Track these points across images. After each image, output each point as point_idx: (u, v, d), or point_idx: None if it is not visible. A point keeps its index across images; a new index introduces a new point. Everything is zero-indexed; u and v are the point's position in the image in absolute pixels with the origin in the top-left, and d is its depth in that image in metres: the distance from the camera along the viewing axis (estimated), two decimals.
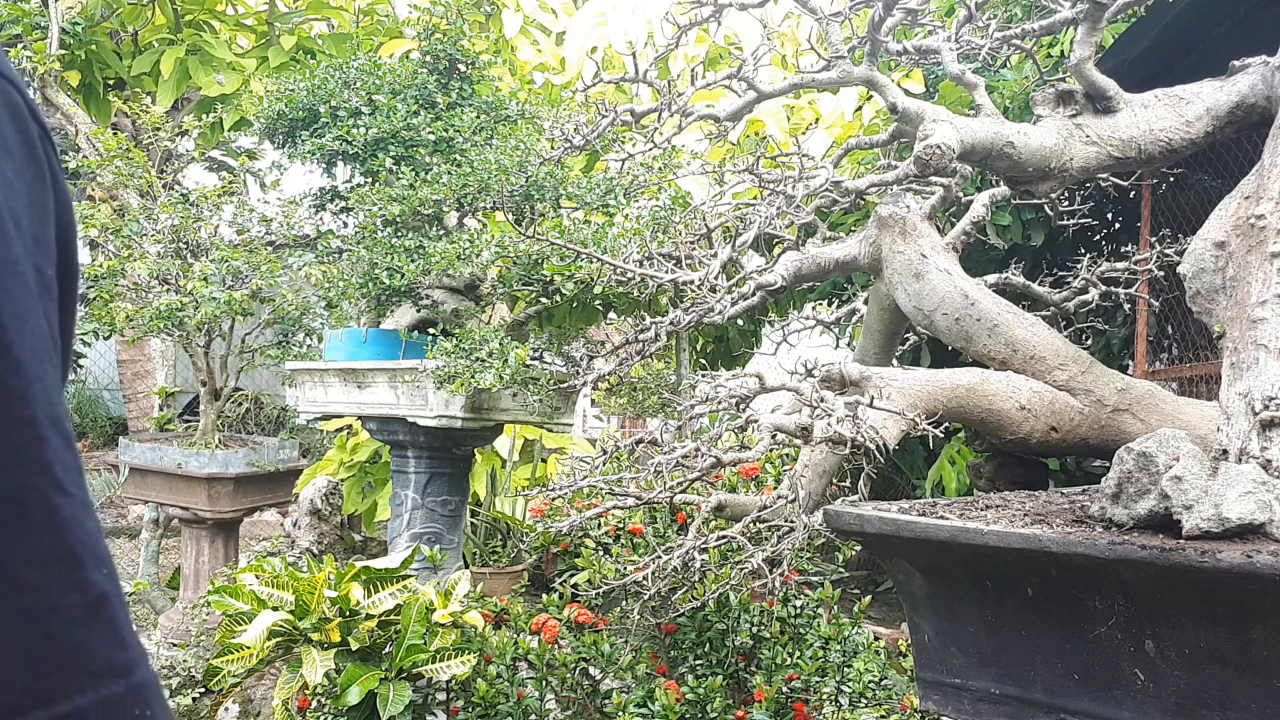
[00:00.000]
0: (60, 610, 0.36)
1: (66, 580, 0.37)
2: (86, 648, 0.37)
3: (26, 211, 0.41)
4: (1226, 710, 1.03)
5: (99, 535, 0.39)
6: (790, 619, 3.49)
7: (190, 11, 7.46)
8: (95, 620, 0.37)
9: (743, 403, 1.71)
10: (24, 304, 0.39)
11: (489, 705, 3.16)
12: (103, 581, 0.38)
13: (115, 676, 0.37)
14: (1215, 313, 1.38)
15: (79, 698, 0.36)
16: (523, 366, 3.75)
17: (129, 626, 0.39)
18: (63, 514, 0.37)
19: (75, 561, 0.37)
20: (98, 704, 0.37)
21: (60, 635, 0.36)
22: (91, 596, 0.37)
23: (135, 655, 0.38)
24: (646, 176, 4.24)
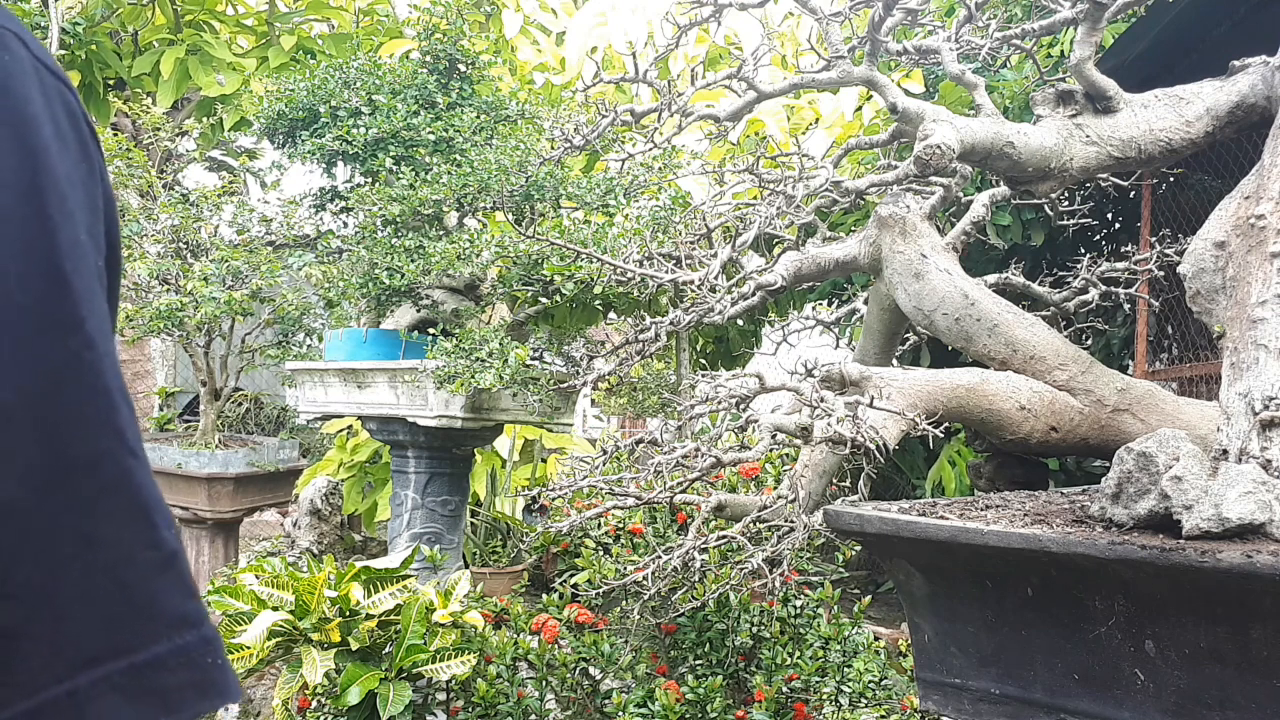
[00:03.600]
0: (136, 565, 0.38)
1: (141, 537, 0.39)
2: (161, 600, 0.39)
3: (81, 206, 0.43)
4: (1226, 710, 1.03)
5: (163, 498, 0.41)
6: (790, 619, 3.49)
7: (190, 11, 7.46)
8: (168, 575, 0.39)
9: (743, 403, 1.71)
10: (90, 284, 0.42)
11: (489, 705, 3.16)
12: (172, 540, 0.40)
13: (188, 627, 0.39)
14: (1215, 313, 1.38)
15: (156, 647, 0.38)
16: (523, 366, 3.75)
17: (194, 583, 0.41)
18: (135, 476, 0.40)
19: (148, 520, 0.39)
20: (174, 652, 0.39)
21: (137, 588, 0.38)
22: (164, 553, 0.40)
23: (203, 609, 0.41)
24: (646, 176, 4.24)
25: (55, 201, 0.41)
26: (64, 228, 0.41)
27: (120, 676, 0.37)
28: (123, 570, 0.38)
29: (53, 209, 0.40)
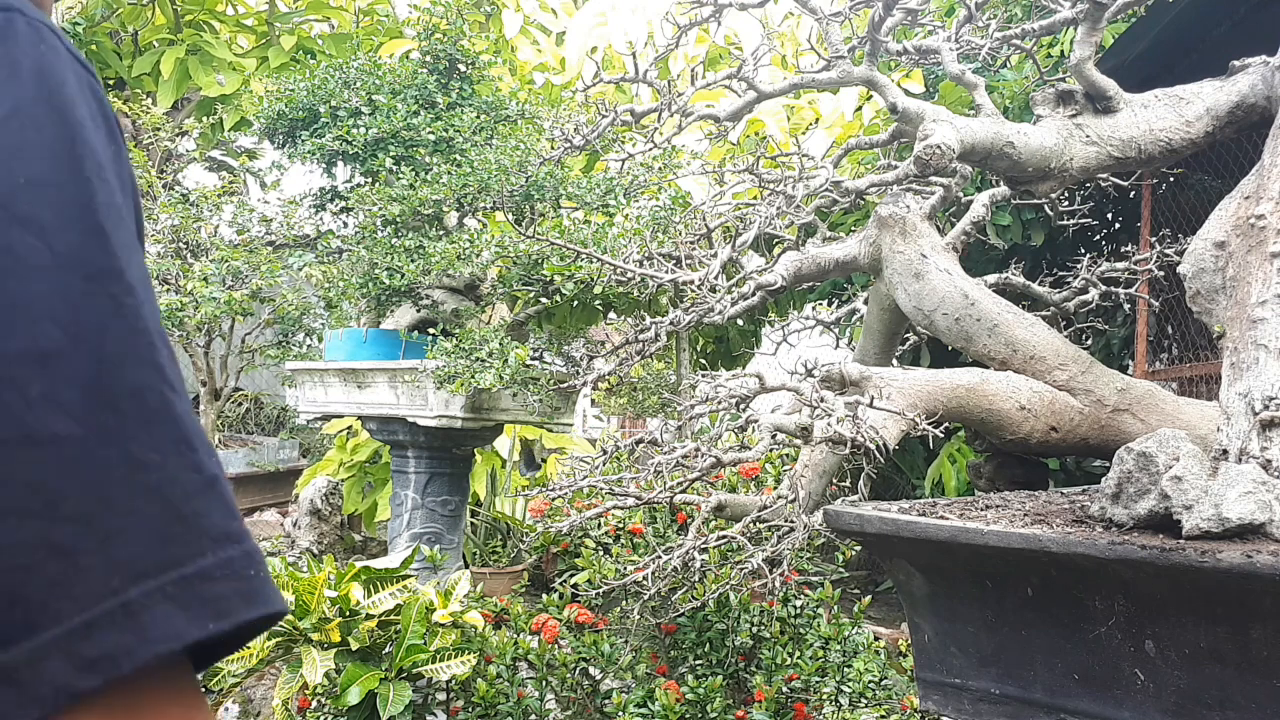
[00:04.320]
0: (181, 486, 0.42)
1: (183, 461, 0.43)
2: (205, 517, 0.42)
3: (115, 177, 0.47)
4: (1226, 710, 1.03)
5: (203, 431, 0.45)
6: (790, 619, 3.49)
7: (190, 12, 7.46)
8: (210, 495, 0.43)
9: (743, 403, 1.71)
10: (129, 240, 0.46)
11: (489, 705, 3.16)
12: (212, 465, 0.44)
13: (231, 542, 0.43)
14: (1215, 313, 1.38)
15: (202, 560, 0.41)
16: (523, 366, 3.75)
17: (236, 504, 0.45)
18: (176, 407, 0.44)
19: (189, 446, 0.43)
20: (219, 565, 0.42)
21: (182, 507, 0.42)
22: (205, 476, 0.43)
23: (244, 528, 0.44)
24: (646, 176, 4.24)
25: (92, 167, 0.45)
26: (101, 190, 0.45)
27: (171, 587, 0.40)
28: (168, 491, 0.42)
29: (90, 173, 0.45)
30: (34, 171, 0.43)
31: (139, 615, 0.39)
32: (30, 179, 0.43)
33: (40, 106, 0.45)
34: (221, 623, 0.41)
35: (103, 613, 0.39)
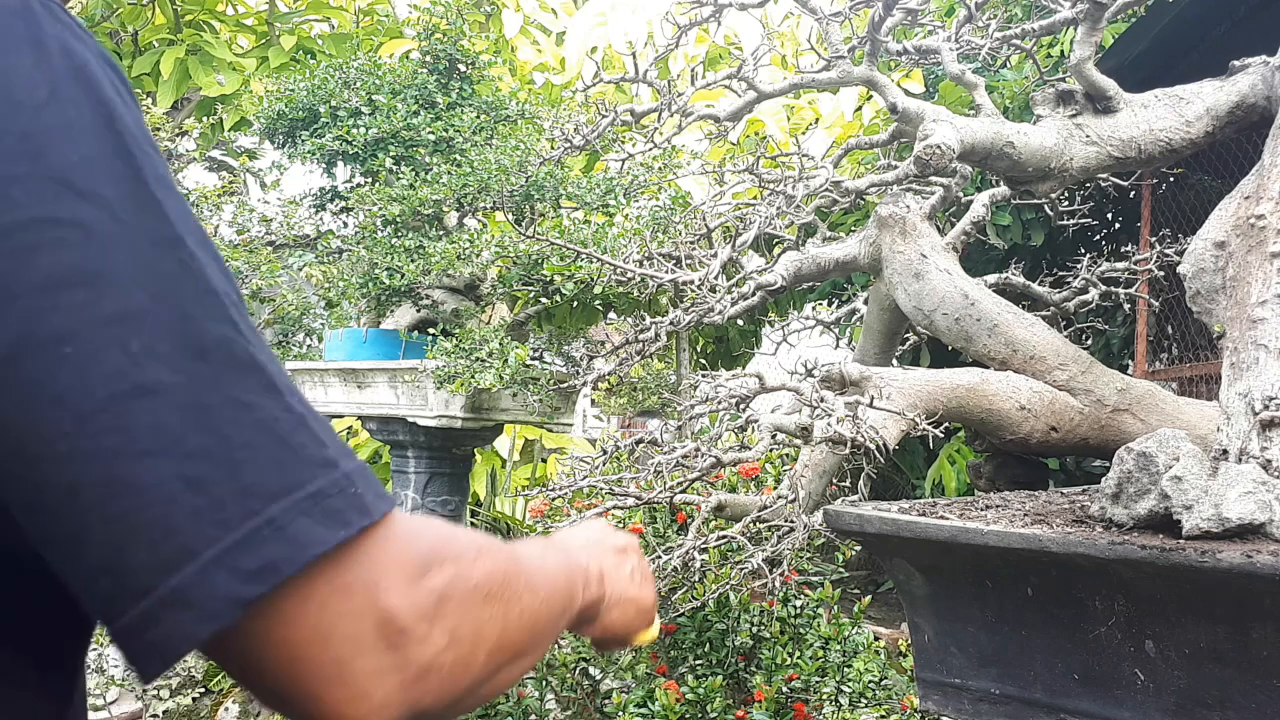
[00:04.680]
0: (282, 423, 0.47)
1: (277, 404, 0.47)
2: (308, 448, 0.47)
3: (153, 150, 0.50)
4: (1226, 710, 1.03)
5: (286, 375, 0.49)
6: (790, 619, 3.49)
7: (190, 11, 7.46)
8: (305, 430, 0.48)
9: (743, 403, 1.71)
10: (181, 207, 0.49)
11: (489, 705, 3.16)
12: (299, 405, 0.48)
13: (332, 467, 0.47)
14: (1215, 313, 1.38)
15: (318, 481, 0.46)
16: (523, 366, 3.75)
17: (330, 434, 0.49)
18: (259, 357, 0.47)
19: (278, 391, 0.47)
20: (331, 484, 0.47)
21: (289, 439, 0.46)
22: (296, 415, 0.48)
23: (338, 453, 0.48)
24: (646, 176, 4.24)
25: (132, 141, 0.48)
26: (145, 162, 0.48)
27: (302, 503, 0.45)
28: (273, 427, 0.46)
29: (132, 147, 0.48)
30: (84, 150, 0.46)
31: (284, 528, 0.44)
32: (82, 156, 0.45)
33: (75, 87, 0.47)
34: (348, 530, 0.46)
35: (252, 530, 0.44)
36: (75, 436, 0.42)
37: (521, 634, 0.57)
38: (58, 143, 0.45)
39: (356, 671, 0.46)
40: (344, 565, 0.46)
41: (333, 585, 0.46)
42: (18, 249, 0.43)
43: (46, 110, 0.45)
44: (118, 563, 0.43)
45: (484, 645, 0.53)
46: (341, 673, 0.46)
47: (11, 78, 0.45)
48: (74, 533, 0.43)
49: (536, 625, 0.59)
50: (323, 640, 0.45)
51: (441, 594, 0.50)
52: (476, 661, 0.52)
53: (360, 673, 0.46)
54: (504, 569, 0.56)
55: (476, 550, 0.54)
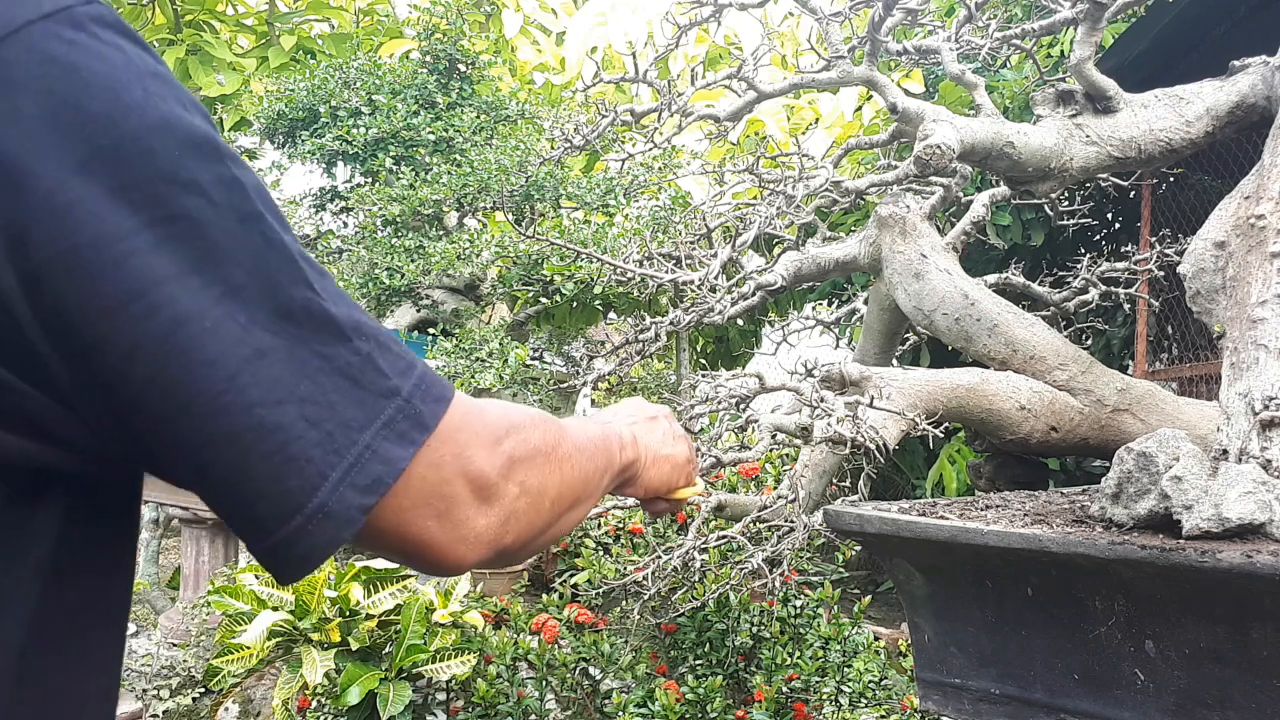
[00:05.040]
0: (353, 366, 0.57)
1: (349, 350, 0.57)
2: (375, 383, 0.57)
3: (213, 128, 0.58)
4: (1226, 710, 1.03)
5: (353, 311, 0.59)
6: (790, 619, 3.49)
7: (190, 11, 7.45)
8: (371, 369, 0.57)
9: (743, 403, 1.71)
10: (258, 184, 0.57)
11: (489, 705, 3.16)
12: (364, 346, 0.57)
13: (394, 395, 0.58)
14: (1215, 313, 1.38)
15: (388, 410, 0.57)
16: (523, 366, 3.75)
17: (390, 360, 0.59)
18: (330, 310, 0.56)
19: (347, 337, 0.57)
20: (395, 412, 0.58)
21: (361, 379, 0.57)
22: (363, 356, 0.57)
23: (397, 379, 0.59)
24: (646, 176, 4.24)
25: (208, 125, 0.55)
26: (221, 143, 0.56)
27: (383, 429, 0.57)
28: (349, 371, 0.56)
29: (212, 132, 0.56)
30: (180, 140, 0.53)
31: (378, 450, 0.56)
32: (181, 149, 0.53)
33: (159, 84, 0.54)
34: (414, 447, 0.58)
35: (358, 454, 0.55)
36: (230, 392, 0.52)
37: (575, 485, 0.72)
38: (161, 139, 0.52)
39: (457, 519, 0.61)
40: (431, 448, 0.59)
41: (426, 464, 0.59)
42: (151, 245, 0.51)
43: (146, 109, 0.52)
44: (274, 489, 0.53)
45: (547, 495, 0.68)
46: (444, 522, 0.60)
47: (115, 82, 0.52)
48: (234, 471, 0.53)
49: (586, 479, 0.75)
50: (428, 503, 0.59)
51: (511, 456, 0.64)
52: (544, 508, 0.68)
53: (459, 520, 0.61)
54: (555, 434, 0.70)
55: (532, 420, 0.68)
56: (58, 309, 0.50)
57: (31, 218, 0.49)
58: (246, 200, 0.55)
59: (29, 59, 0.50)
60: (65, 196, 0.50)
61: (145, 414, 0.52)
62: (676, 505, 0.98)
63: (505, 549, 0.65)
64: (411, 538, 0.60)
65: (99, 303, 0.50)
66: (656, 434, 0.92)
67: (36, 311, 0.50)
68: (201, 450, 0.53)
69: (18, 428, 0.52)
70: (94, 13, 0.53)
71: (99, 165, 0.50)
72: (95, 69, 0.51)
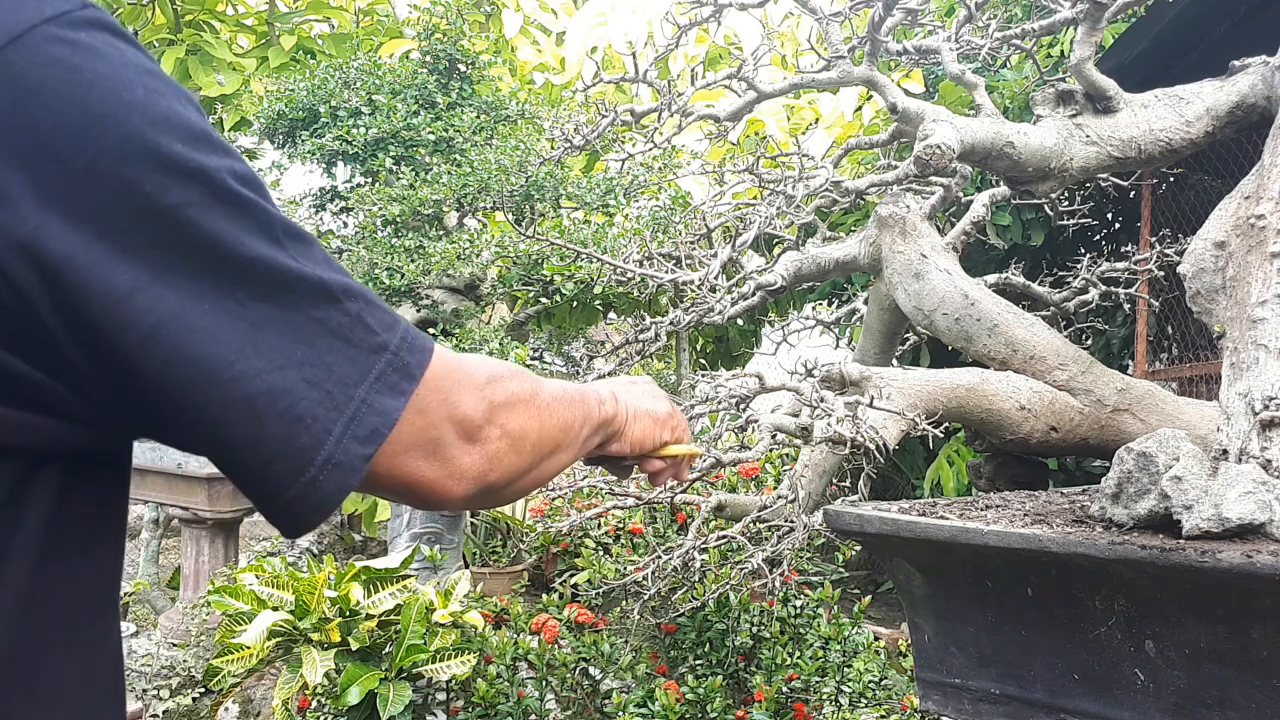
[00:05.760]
0: (345, 326, 0.61)
1: (339, 311, 0.61)
2: (365, 339, 0.62)
3: None
4: (1226, 710, 1.03)
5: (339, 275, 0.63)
6: (790, 619, 3.49)
7: (190, 11, 7.45)
8: (360, 327, 0.62)
9: (743, 403, 1.71)
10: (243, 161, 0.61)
11: (489, 705, 3.16)
12: (353, 306, 0.62)
13: (383, 350, 0.63)
14: (1215, 313, 1.38)
15: (378, 365, 0.62)
16: (523, 366, 3.75)
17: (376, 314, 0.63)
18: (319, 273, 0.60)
19: (336, 299, 0.61)
20: (385, 364, 0.63)
21: (352, 338, 0.61)
22: (352, 315, 0.62)
23: (385, 335, 0.64)
24: (646, 176, 4.24)
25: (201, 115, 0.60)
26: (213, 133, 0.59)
27: (375, 383, 0.62)
28: (341, 332, 0.61)
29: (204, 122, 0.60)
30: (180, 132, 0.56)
31: (373, 403, 0.61)
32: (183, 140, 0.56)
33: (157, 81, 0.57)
34: (404, 397, 0.63)
35: (355, 408, 0.61)
36: (239, 362, 0.56)
37: (554, 431, 0.78)
38: (164, 133, 0.55)
39: (445, 457, 0.67)
40: (419, 396, 0.64)
41: (415, 411, 0.64)
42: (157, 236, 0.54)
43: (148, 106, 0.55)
44: (287, 447, 0.58)
45: (528, 438, 0.74)
46: (434, 461, 0.66)
47: (116, 81, 0.54)
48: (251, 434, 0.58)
49: (566, 426, 0.80)
50: (418, 445, 0.65)
51: (492, 400, 0.70)
52: (525, 450, 0.74)
53: (447, 458, 0.67)
54: (532, 385, 0.76)
55: (510, 371, 0.74)
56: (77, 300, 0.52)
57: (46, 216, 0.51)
58: (240, 185, 0.58)
59: (34, 62, 0.52)
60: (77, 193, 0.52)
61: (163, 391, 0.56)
62: (674, 465, 1.00)
63: (491, 485, 0.71)
64: (406, 477, 0.66)
65: (116, 292, 0.53)
66: (635, 391, 0.97)
67: (56, 303, 0.52)
68: (218, 419, 0.57)
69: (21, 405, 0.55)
70: (90, 16, 0.55)
71: (106, 162, 0.53)
72: (97, 69, 0.54)
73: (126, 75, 0.55)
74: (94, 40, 0.55)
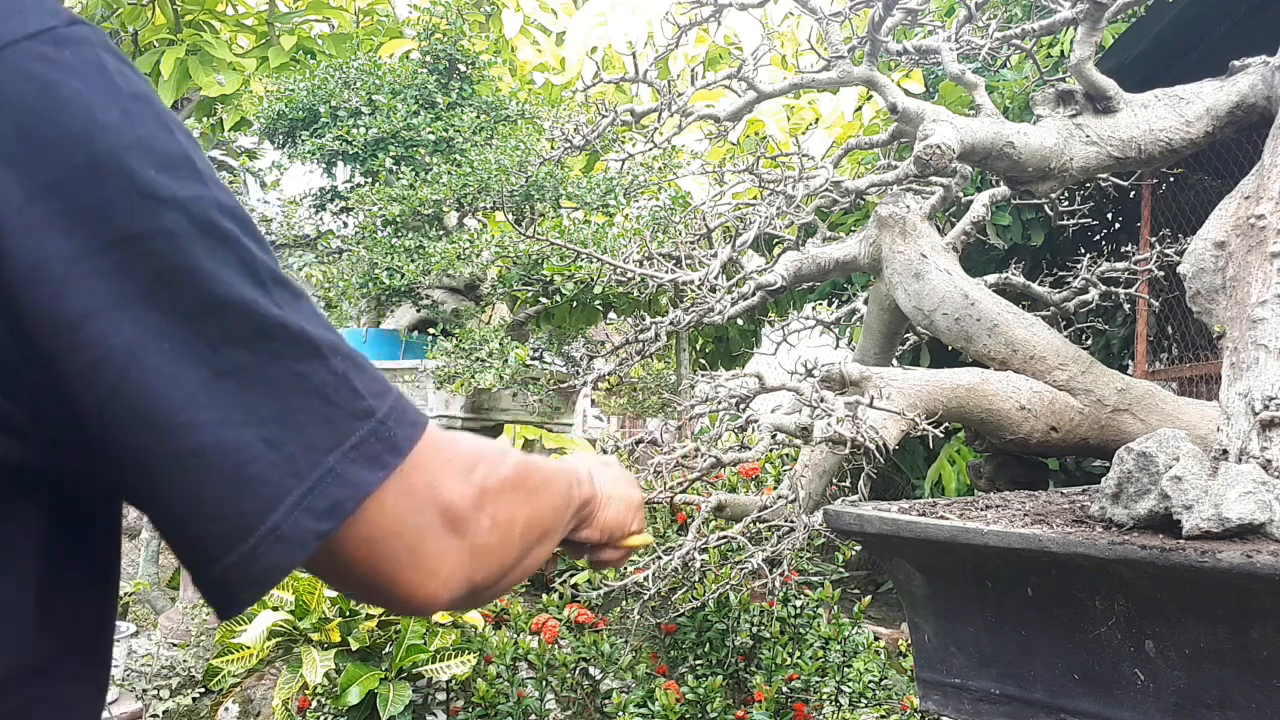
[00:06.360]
0: (328, 385, 0.56)
1: (323, 368, 0.56)
2: (350, 402, 0.56)
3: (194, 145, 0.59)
4: (1226, 710, 1.03)
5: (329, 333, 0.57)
6: (790, 619, 3.49)
7: (190, 12, 7.45)
8: (345, 388, 0.56)
9: (743, 403, 1.71)
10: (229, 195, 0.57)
11: (489, 705, 3.16)
12: (340, 365, 0.57)
13: (368, 417, 0.57)
14: (1215, 313, 1.38)
15: (360, 432, 0.56)
16: (523, 366, 3.75)
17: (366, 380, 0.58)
18: (305, 327, 0.55)
19: (323, 355, 0.56)
20: (368, 433, 0.56)
21: (334, 398, 0.56)
22: (338, 375, 0.56)
23: (373, 400, 0.58)
24: (646, 176, 4.24)
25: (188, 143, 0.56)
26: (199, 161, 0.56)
27: (350, 452, 0.55)
28: (322, 390, 0.55)
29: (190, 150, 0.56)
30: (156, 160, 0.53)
31: (341, 474, 0.55)
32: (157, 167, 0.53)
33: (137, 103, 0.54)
34: (385, 471, 0.57)
35: (320, 477, 0.54)
36: (189, 410, 0.51)
37: (543, 518, 0.72)
38: (137, 158, 0.52)
39: (427, 553, 0.59)
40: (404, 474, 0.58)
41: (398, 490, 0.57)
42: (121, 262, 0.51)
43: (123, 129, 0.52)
44: (231, 509, 0.52)
45: (517, 527, 0.67)
46: (414, 557, 0.59)
47: (92, 101, 0.52)
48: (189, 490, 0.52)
49: (554, 510, 0.75)
50: (396, 534, 0.58)
51: (483, 487, 0.63)
52: (514, 540, 0.67)
53: (430, 554, 0.60)
54: (523, 467, 0.70)
55: (500, 452, 0.67)
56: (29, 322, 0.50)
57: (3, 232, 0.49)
58: (224, 219, 0.55)
59: (9, 77, 0.51)
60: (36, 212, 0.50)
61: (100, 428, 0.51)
62: (625, 555, 0.94)
63: (477, 586, 0.64)
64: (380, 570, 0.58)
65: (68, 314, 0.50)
66: (610, 474, 0.91)
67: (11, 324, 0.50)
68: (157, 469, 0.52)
69: None
70: (76, 33, 0.54)
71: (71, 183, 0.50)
72: (74, 87, 0.52)
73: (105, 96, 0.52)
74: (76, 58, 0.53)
